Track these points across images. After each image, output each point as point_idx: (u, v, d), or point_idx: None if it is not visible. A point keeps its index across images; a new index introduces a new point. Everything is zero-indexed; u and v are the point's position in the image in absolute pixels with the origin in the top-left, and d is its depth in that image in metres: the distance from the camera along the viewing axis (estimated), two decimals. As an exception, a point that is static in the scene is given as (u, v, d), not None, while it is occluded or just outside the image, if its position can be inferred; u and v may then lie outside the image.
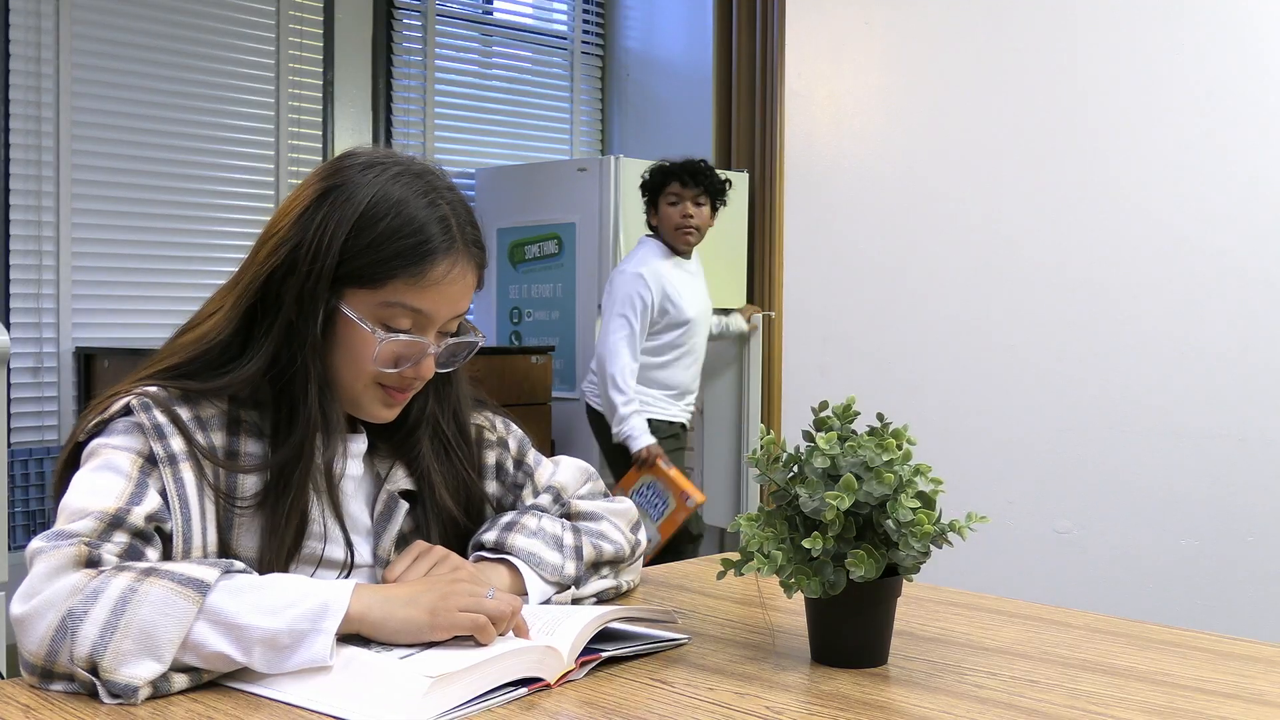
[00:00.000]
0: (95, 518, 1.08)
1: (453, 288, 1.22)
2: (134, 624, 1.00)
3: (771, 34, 5.00)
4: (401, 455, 1.32)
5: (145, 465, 1.14)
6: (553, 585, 1.29)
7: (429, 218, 1.21)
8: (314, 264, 1.18)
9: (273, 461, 1.20)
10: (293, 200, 1.24)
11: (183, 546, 1.14)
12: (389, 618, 1.09)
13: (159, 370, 1.22)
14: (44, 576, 1.04)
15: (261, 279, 1.21)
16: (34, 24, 3.94)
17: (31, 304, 3.97)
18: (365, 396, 1.24)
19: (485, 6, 5.30)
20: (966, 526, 1.11)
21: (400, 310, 1.20)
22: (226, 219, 4.32)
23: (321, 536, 1.24)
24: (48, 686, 1.03)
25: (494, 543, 1.30)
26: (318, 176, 1.24)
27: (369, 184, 1.21)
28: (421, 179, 1.24)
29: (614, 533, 1.39)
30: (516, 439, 1.44)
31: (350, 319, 1.20)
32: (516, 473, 1.42)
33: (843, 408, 1.18)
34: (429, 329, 1.23)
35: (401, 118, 4.92)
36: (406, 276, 1.19)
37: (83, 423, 1.19)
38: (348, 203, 1.20)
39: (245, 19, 4.45)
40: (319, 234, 1.19)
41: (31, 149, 3.94)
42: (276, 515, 1.20)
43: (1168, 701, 1.06)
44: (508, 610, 1.12)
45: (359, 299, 1.20)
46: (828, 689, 1.08)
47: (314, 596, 1.06)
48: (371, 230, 1.19)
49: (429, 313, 1.21)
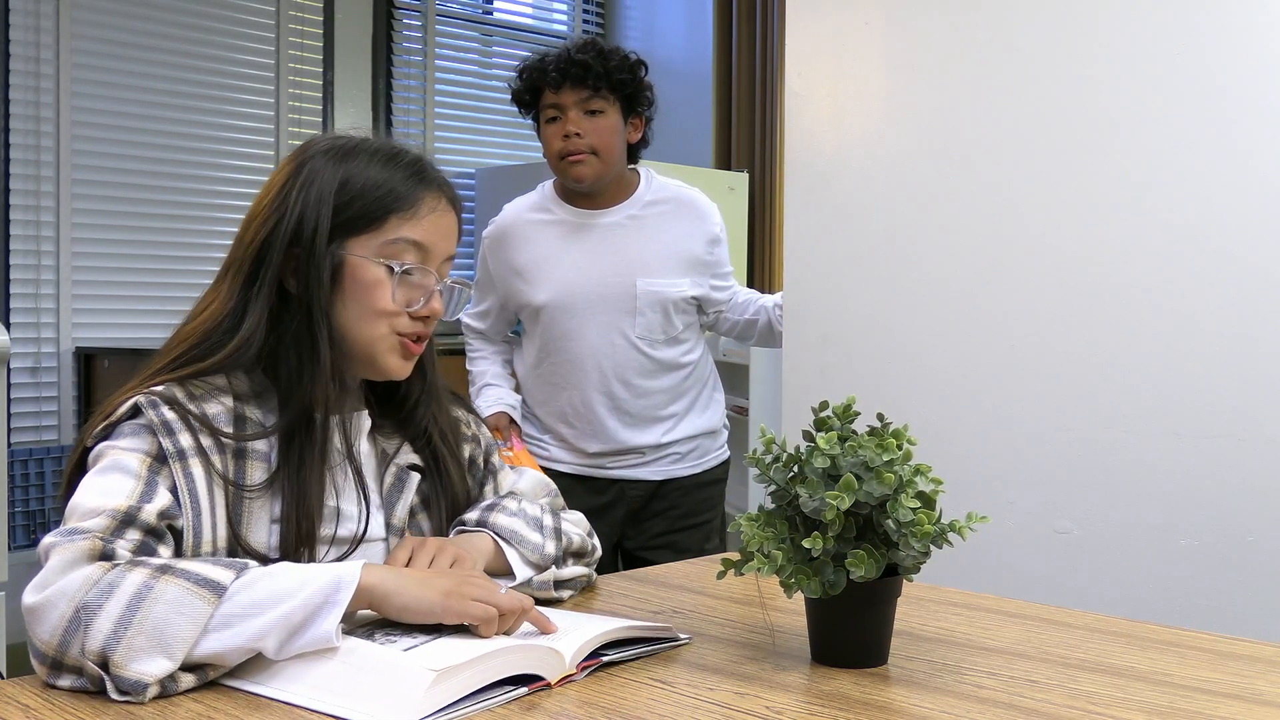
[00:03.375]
0: (108, 515, 1.09)
1: (442, 219, 1.30)
2: (148, 621, 1.01)
3: (771, 34, 5.00)
4: (404, 431, 1.36)
5: (154, 464, 1.16)
6: (533, 566, 1.33)
7: (403, 161, 1.30)
8: (309, 224, 1.24)
9: (280, 427, 1.23)
10: (267, 187, 1.30)
11: (193, 541, 1.15)
12: (401, 591, 1.11)
13: (164, 366, 1.24)
14: (58, 569, 1.05)
15: (251, 257, 1.26)
16: (34, 24, 3.94)
17: (31, 304, 3.97)
18: (381, 347, 1.28)
19: (485, 6, 5.30)
20: (966, 526, 1.11)
21: (403, 245, 1.27)
22: (227, 219, 4.32)
23: (334, 514, 1.26)
24: (56, 680, 1.04)
25: (476, 521, 1.34)
26: (286, 161, 1.32)
27: (339, 151, 1.29)
28: (385, 144, 1.33)
29: (573, 530, 1.44)
30: (486, 440, 1.49)
31: (360, 263, 1.25)
32: (484, 470, 1.46)
33: (843, 408, 1.18)
34: (431, 263, 1.29)
35: (401, 118, 4.93)
36: (401, 210, 1.27)
37: (90, 427, 1.21)
38: (325, 168, 1.27)
39: (245, 19, 4.45)
40: (303, 198, 1.25)
41: (31, 149, 3.94)
42: (292, 490, 1.21)
43: (1168, 701, 1.06)
44: (518, 607, 1.13)
45: (362, 244, 1.26)
46: (828, 689, 1.08)
47: (326, 573, 1.07)
48: (358, 180, 1.27)
49: (428, 244, 1.28)
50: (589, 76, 2.39)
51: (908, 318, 2.22)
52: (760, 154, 5.03)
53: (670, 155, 5.05)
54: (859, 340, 2.29)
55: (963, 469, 2.07)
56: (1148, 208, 1.95)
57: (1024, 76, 2.09)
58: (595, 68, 2.39)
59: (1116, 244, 1.99)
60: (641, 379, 2.45)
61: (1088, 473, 2.00)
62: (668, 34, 5.50)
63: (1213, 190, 1.90)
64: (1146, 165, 1.96)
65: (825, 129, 2.35)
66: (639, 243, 2.46)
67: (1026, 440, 2.07)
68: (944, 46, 2.19)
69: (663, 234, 2.47)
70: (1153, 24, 1.95)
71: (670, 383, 2.49)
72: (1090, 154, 2.01)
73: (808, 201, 2.38)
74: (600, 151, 2.40)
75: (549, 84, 2.42)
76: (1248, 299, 1.86)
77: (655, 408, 2.48)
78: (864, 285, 2.28)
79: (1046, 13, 2.06)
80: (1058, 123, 2.05)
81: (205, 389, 1.22)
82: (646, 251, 2.45)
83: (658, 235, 2.47)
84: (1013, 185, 2.10)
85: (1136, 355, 1.96)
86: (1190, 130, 1.92)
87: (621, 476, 2.46)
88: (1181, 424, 1.92)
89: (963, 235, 2.15)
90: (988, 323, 2.12)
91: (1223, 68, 1.89)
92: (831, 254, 2.33)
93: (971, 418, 2.13)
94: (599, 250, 2.45)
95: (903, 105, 2.24)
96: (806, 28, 2.39)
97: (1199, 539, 1.90)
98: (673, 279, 2.46)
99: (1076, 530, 2.02)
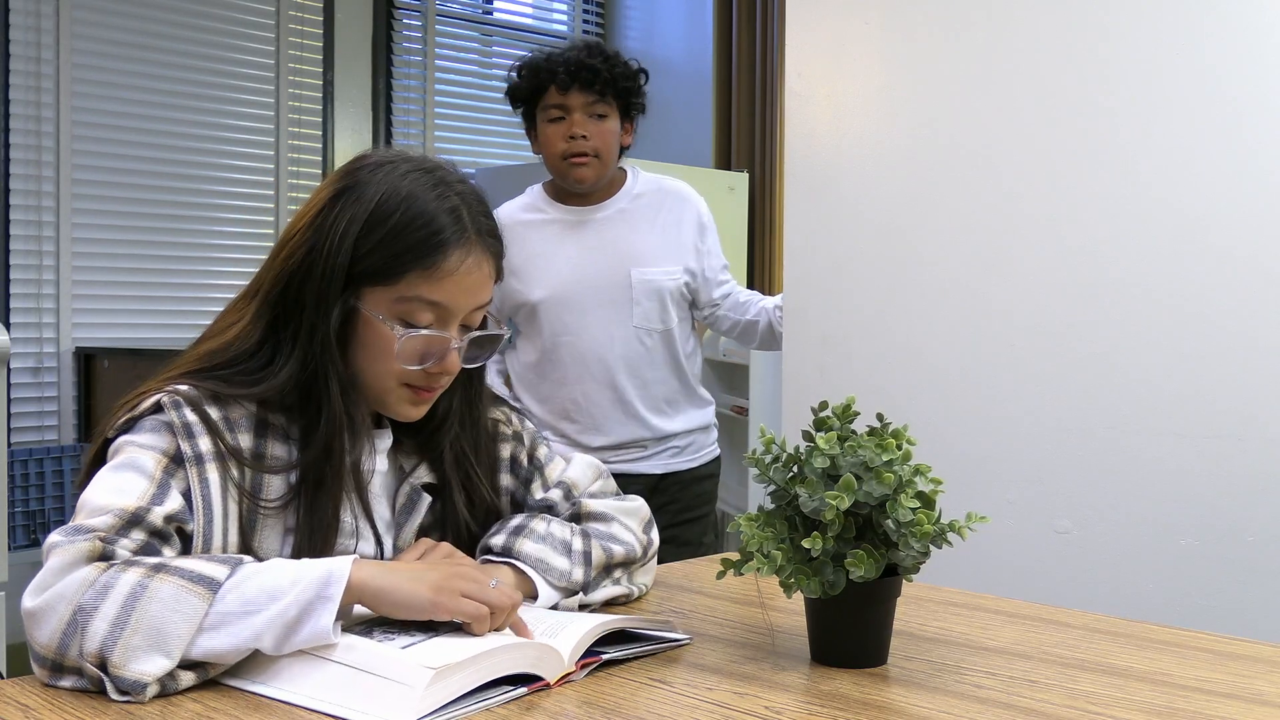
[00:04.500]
0: (114, 514, 1.09)
1: (469, 278, 1.22)
2: (144, 620, 1.01)
3: (771, 34, 5.01)
4: (426, 451, 1.33)
5: (170, 465, 1.15)
6: (560, 591, 1.29)
7: (439, 209, 1.22)
8: (328, 264, 1.20)
9: (300, 463, 1.21)
10: (309, 204, 1.26)
11: (203, 547, 1.14)
12: (392, 589, 1.09)
13: (189, 370, 1.22)
14: (57, 571, 1.05)
15: (281, 284, 1.22)
16: (34, 24, 3.94)
17: (31, 304, 3.97)
18: (392, 396, 1.25)
19: (485, 6, 5.30)
20: (966, 526, 1.11)
21: (418, 304, 1.21)
22: (226, 219, 4.32)
23: (352, 533, 1.25)
24: (57, 681, 1.03)
25: (501, 547, 1.30)
26: (332, 179, 1.26)
27: (379, 182, 1.22)
28: (431, 174, 1.25)
29: (624, 534, 1.38)
30: (529, 433, 1.45)
31: (370, 318, 1.21)
32: (529, 467, 1.42)
33: (843, 408, 1.18)
34: (450, 323, 1.23)
35: (401, 118, 4.93)
36: (420, 269, 1.20)
37: (112, 418, 1.20)
38: (358, 201, 1.21)
39: (245, 19, 4.46)
40: (331, 234, 1.20)
41: (31, 149, 3.94)
42: (309, 517, 1.20)
43: (1167, 701, 1.06)
44: (508, 603, 1.12)
45: (376, 296, 1.21)
46: (827, 689, 1.08)
47: (317, 567, 1.06)
48: (383, 226, 1.20)
49: (448, 305, 1.22)
50: (597, 81, 2.42)
51: (908, 318, 2.22)
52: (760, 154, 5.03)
53: (670, 155, 5.05)
54: (859, 340, 2.29)
55: (963, 469, 2.07)
56: (1148, 209, 1.95)
57: (1024, 76, 2.09)
58: (604, 73, 2.42)
59: (1116, 244, 1.99)
60: (643, 369, 2.50)
61: (1088, 472, 2.00)
62: (668, 34, 5.50)
63: (1213, 191, 1.90)
64: (1146, 166, 1.96)
65: (825, 129, 2.35)
66: (629, 234, 2.50)
67: (1026, 440, 2.07)
68: (944, 47, 2.19)
69: (653, 224, 2.52)
70: (1153, 24, 1.95)
71: (669, 373, 2.54)
72: (1090, 154, 2.01)
73: (808, 201, 2.38)
74: (602, 154, 2.45)
75: (557, 84, 2.43)
76: (1248, 299, 1.86)
77: (656, 399, 2.52)
78: (864, 285, 2.28)
79: (1046, 13, 2.06)
80: (1058, 123, 2.05)
81: (230, 392, 1.21)
82: (638, 242, 2.49)
83: (648, 226, 2.51)
84: (1013, 185, 2.10)
85: (1136, 355, 1.96)
86: (1190, 133, 1.92)
87: (623, 471, 2.48)
88: (1181, 424, 1.92)
89: (963, 235, 2.15)
90: (988, 323, 2.12)
91: (1223, 67, 1.89)
92: (831, 254, 2.33)
93: (971, 418, 2.13)
94: (592, 244, 2.49)
95: (903, 105, 2.24)
96: (806, 28, 2.39)
97: (1199, 539, 1.90)
98: (665, 266, 2.50)
99: (1076, 530, 2.02)
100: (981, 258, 2.13)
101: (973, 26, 2.15)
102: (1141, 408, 1.95)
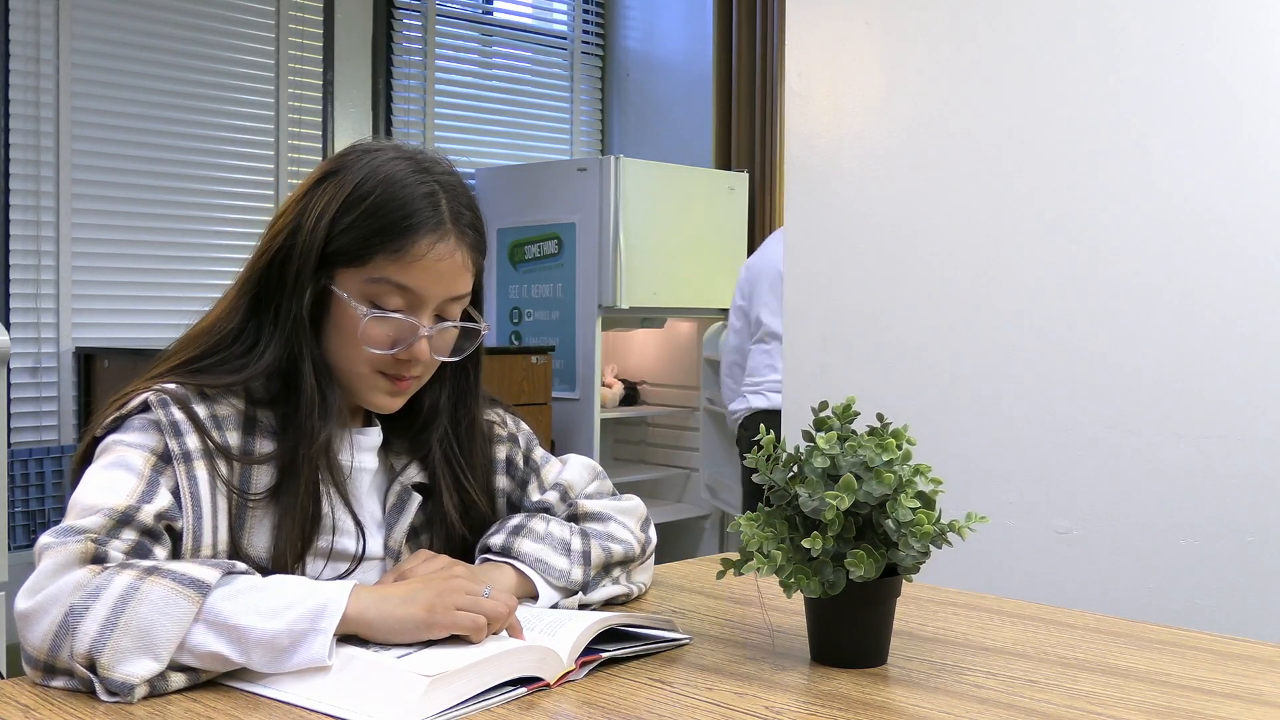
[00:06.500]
0: (104, 514, 1.09)
1: (440, 264, 1.21)
2: (133, 622, 1.01)
3: (771, 34, 5.00)
4: (416, 450, 1.33)
5: (158, 463, 1.15)
6: (559, 591, 1.29)
7: (415, 194, 1.22)
8: (305, 244, 1.21)
9: (280, 452, 1.21)
10: (297, 188, 1.27)
11: (192, 545, 1.14)
12: (386, 617, 1.08)
13: (176, 365, 1.23)
14: (49, 573, 1.04)
15: (263, 265, 1.24)
16: (34, 24, 3.94)
17: (31, 304, 3.97)
18: (365, 383, 1.25)
19: (485, 6, 5.30)
20: (966, 526, 1.11)
21: (387, 287, 1.21)
22: (226, 219, 4.32)
23: (331, 529, 1.24)
24: (49, 682, 1.03)
25: (500, 547, 1.30)
26: (322, 164, 1.27)
27: (363, 166, 1.23)
28: (414, 160, 1.25)
29: (622, 532, 1.39)
30: (525, 435, 1.45)
31: (341, 299, 1.21)
32: (525, 468, 1.42)
33: (843, 408, 1.17)
34: (420, 310, 1.23)
35: (401, 118, 4.92)
36: (389, 251, 1.20)
37: (100, 418, 1.20)
38: (340, 184, 1.22)
39: (245, 19, 4.45)
40: (311, 214, 1.22)
41: (31, 149, 3.94)
42: (287, 508, 1.20)
43: (1167, 701, 1.06)
44: (504, 610, 1.11)
45: (347, 277, 1.21)
46: (827, 689, 1.08)
47: (312, 597, 1.06)
48: (358, 207, 1.21)
49: (416, 290, 1.21)
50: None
51: (908, 318, 2.22)
52: (760, 154, 5.03)
53: (670, 155, 5.05)
54: (859, 340, 2.29)
55: (963, 469, 2.07)
56: (1148, 209, 1.95)
57: (1024, 76, 2.08)
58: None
59: (1116, 245, 1.98)
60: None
61: (1088, 472, 2.00)
62: (668, 34, 5.49)
63: (1213, 191, 1.89)
64: (1146, 166, 1.96)
65: (825, 129, 2.35)
66: None
67: (1027, 440, 2.07)
68: (944, 47, 2.19)
69: None
70: (1154, 24, 1.95)
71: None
72: (1090, 154, 2.01)
73: (808, 201, 2.38)
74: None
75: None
76: (1248, 299, 1.86)
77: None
78: (864, 285, 2.28)
79: (1047, 13, 2.06)
80: (1057, 123, 2.05)
81: (218, 389, 1.21)
82: None
83: None
84: (1012, 185, 2.10)
85: (1137, 356, 1.96)
86: (1189, 134, 1.92)
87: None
88: (1182, 424, 1.92)
89: (962, 235, 2.15)
90: (987, 323, 2.12)
91: (1223, 67, 1.89)
92: (831, 254, 2.33)
93: (971, 418, 2.13)
94: None
95: (903, 105, 2.24)
96: (806, 28, 2.39)
97: (1199, 539, 1.90)
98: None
99: (1076, 530, 2.02)
100: (981, 257, 2.13)
101: (973, 26, 2.15)
102: (1141, 408, 1.95)
